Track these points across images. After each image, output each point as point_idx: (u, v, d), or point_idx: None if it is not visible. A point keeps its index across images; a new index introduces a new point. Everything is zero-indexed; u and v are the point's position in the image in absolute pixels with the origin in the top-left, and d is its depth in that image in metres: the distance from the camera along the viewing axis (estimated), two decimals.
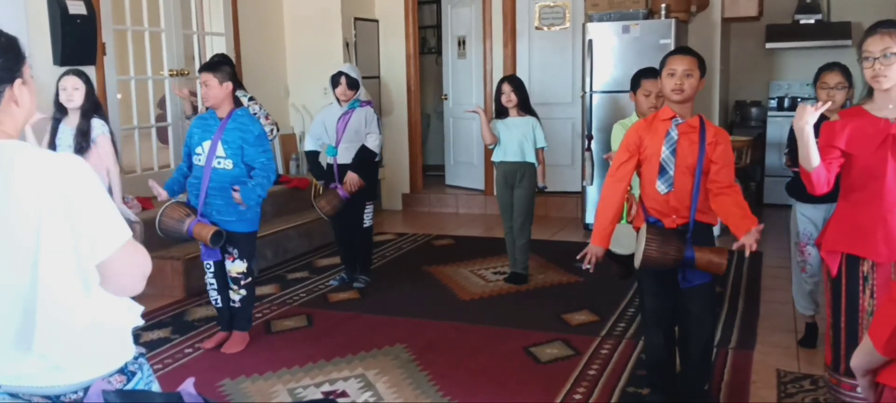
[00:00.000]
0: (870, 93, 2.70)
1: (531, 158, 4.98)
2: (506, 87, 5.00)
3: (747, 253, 2.82)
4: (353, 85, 4.94)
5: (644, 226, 2.92)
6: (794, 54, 7.85)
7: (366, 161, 4.97)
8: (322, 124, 5.05)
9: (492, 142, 5.03)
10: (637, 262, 2.88)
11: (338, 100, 5.00)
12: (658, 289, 3.05)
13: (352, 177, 4.90)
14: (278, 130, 5.82)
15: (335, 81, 4.97)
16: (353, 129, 4.93)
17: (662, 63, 3.00)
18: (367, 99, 5.08)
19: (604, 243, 3.03)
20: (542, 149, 5.05)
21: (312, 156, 5.17)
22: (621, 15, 6.41)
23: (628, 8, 6.45)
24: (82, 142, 4.16)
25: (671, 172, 2.92)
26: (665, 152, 2.92)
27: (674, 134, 2.92)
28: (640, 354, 3.81)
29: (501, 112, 5.05)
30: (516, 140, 4.95)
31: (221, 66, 3.97)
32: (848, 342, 2.79)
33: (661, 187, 2.94)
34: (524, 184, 5.01)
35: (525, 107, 5.03)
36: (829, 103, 3.36)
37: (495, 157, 5.07)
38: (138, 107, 6.19)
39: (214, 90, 3.85)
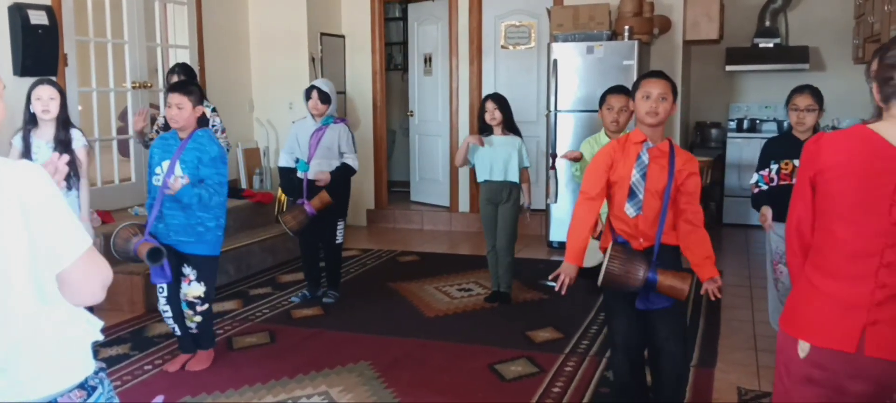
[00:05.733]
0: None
1: (515, 178, 4.94)
2: (490, 105, 4.94)
3: (712, 298, 2.95)
4: (324, 99, 4.93)
5: (610, 245, 2.94)
6: (754, 77, 8.03)
7: (344, 178, 4.98)
8: (295, 138, 5.05)
9: (463, 164, 5.01)
10: (600, 279, 2.89)
11: (311, 114, 5.00)
12: (626, 312, 3.05)
13: (322, 176, 4.88)
14: (230, 148, 5.67)
15: (307, 95, 4.98)
16: (325, 146, 4.91)
17: (636, 85, 2.99)
18: (341, 114, 5.06)
19: (578, 261, 2.97)
20: (527, 168, 5.03)
21: (285, 172, 5.13)
22: (585, 36, 6.50)
23: (592, 29, 6.54)
24: (63, 153, 4.01)
25: (640, 196, 2.92)
26: (635, 176, 2.92)
27: (644, 158, 2.92)
28: (603, 372, 3.84)
29: (484, 129, 5.01)
30: (501, 159, 4.90)
31: (194, 87, 3.91)
32: None
33: (629, 210, 2.94)
34: (509, 203, 4.97)
35: (510, 126, 4.98)
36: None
37: (480, 177, 5.00)
38: (100, 120, 6.08)
39: (187, 113, 3.78)
